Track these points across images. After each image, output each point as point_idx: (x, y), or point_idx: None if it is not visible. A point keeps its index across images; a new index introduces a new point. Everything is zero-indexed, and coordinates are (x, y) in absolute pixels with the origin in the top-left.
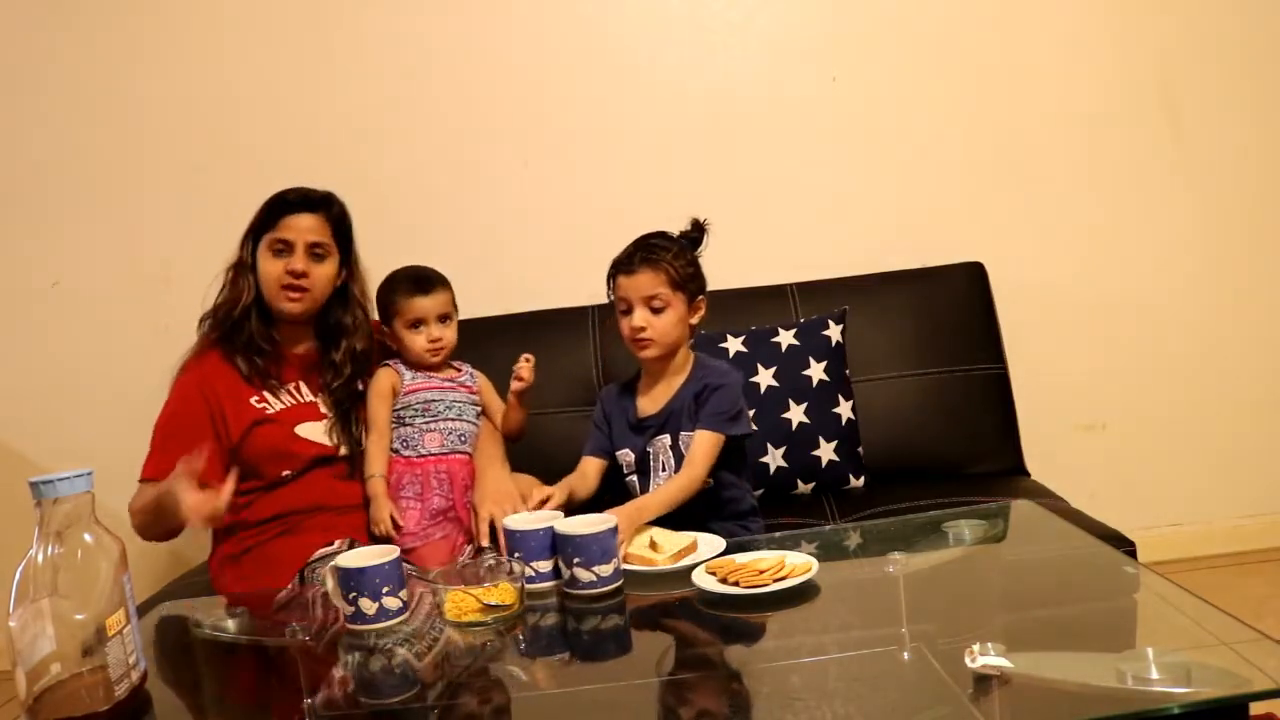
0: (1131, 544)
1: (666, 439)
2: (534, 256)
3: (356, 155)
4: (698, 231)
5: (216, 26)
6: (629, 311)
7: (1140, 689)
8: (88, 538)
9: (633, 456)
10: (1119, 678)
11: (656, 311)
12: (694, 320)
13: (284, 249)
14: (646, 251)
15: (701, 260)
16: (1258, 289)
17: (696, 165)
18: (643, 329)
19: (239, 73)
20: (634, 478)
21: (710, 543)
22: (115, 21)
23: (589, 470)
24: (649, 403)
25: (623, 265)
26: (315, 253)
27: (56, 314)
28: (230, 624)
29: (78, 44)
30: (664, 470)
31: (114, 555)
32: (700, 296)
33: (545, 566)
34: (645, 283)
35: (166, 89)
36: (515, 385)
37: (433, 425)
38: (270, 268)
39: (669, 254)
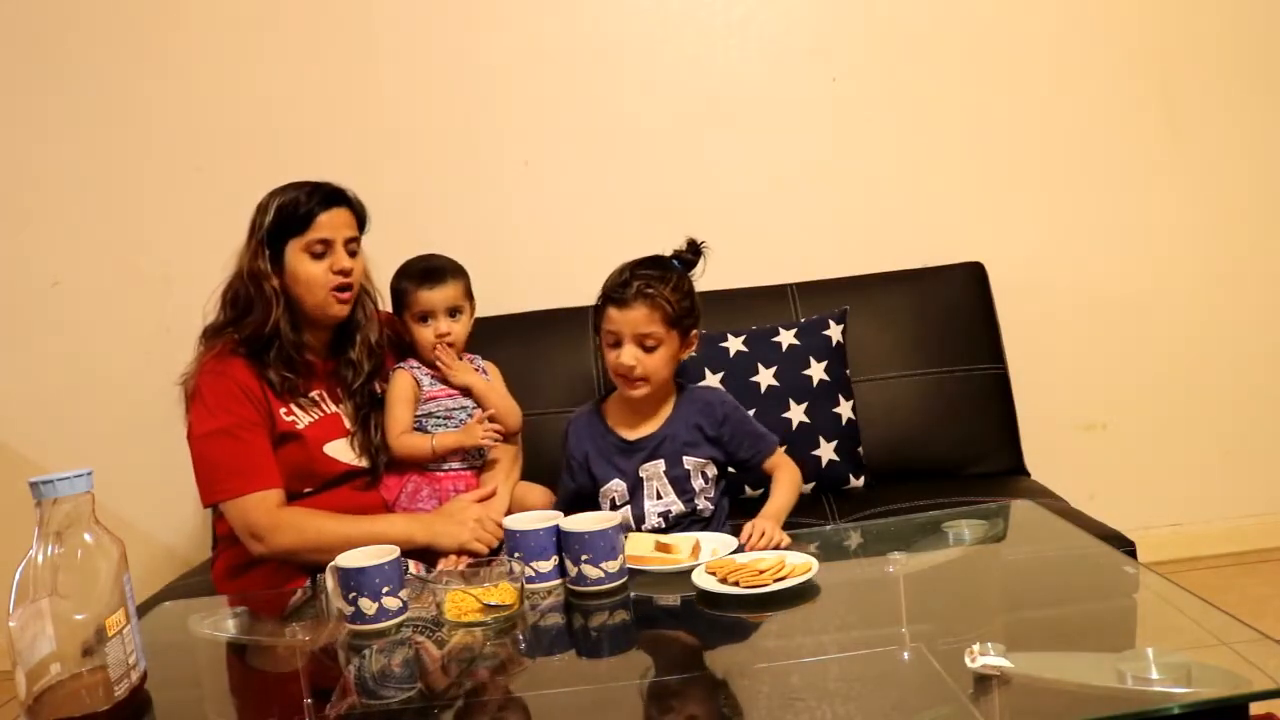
0: (1131, 544)
1: (661, 465)
2: (534, 256)
3: (356, 155)
4: (693, 254)
5: (217, 27)
6: (618, 345)
7: (1140, 689)
8: (88, 538)
9: (624, 486)
10: (1119, 678)
11: (649, 349)
12: (685, 356)
13: (324, 250)
14: (644, 284)
15: (697, 280)
16: (1258, 289)
17: (696, 165)
18: (633, 367)
19: (239, 73)
20: (626, 508)
21: (723, 540)
22: (116, 22)
23: None
24: (632, 430)
25: (615, 296)
26: (350, 249)
27: (56, 314)
28: (230, 624)
29: (78, 44)
30: (659, 498)
31: (114, 555)
32: (694, 330)
33: (545, 566)
34: (639, 319)
35: (167, 89)
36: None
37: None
38: (313, 271)
39: (667, 287)
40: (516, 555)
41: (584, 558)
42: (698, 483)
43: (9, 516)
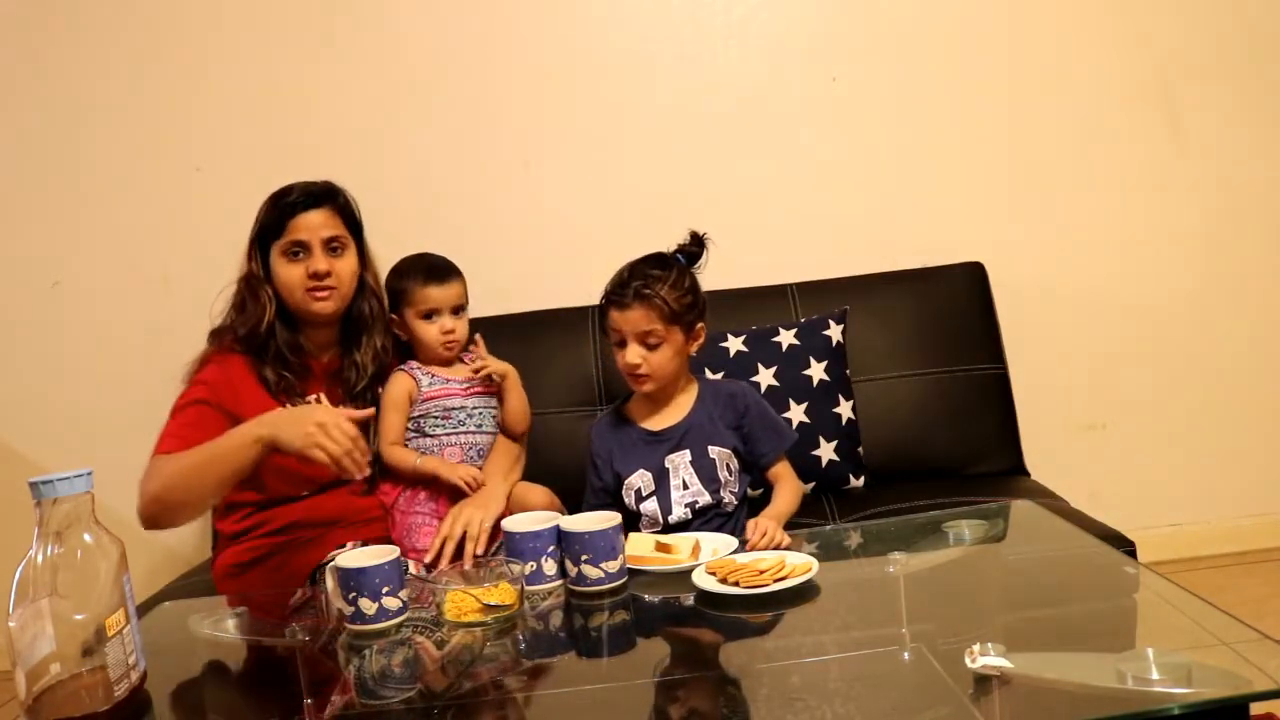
0: (1131, 544)
1: (686, 455)
2: (534, 256)
3: (356, 155)
4: (697, 246)
5: (216, 26)
6: (623, 344)
7: (1140, 689)
8: (87, 538)
9: (649, 475)
10: (1119, 678)
11: (651, 347)
12: (693, 350)
13: (300, 251)
14: (640, 284)
15: (701, 273)
16: (1258, 289)
17: (697, 165)
18: (638, 365)
19: (238, 72)
20: (652, 501)
21: (723, 540)
22: (115, 21)
23: None
24: (656, 422)
25: (614, 297)
26: (332, 248)
27: (56, 314)
28: (230, 624)
29: (77, 44)
30: (686, 488)
31: (114, 555)
32: (699, 324)
33: (545, 566)
34: (638, 319)
35: (166, 89)
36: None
37: (454, 437)
38: (290, 273)
39: (664, 285)
40: (516, 555)
41: (584, 558)
42: (723, 474)
43: (9, 516)
